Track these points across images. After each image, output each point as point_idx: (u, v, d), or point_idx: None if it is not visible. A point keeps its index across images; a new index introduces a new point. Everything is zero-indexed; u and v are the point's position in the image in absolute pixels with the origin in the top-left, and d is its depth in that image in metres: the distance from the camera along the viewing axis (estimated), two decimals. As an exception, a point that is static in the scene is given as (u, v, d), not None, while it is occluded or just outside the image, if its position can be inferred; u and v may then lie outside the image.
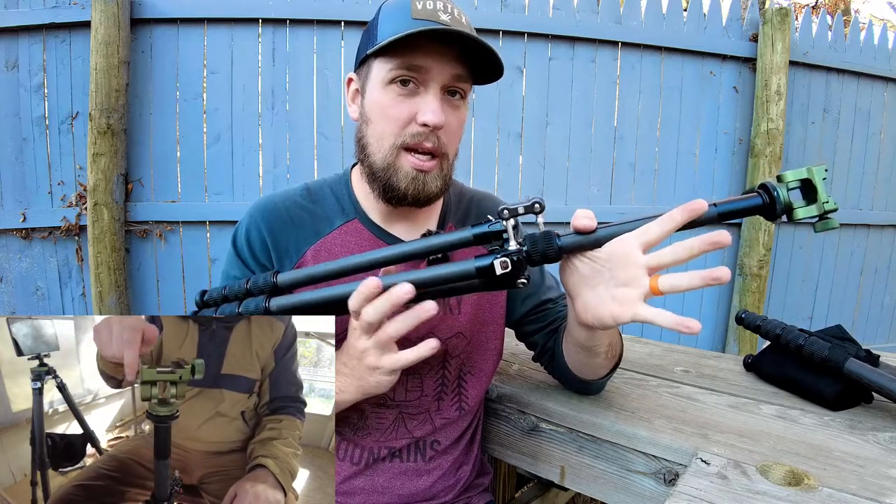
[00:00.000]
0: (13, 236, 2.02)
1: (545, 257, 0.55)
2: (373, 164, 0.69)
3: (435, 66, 0.64)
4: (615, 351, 0.72)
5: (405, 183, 0.67)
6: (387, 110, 0.66)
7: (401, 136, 0.66)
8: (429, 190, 0.68)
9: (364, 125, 0.70)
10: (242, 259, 0.74)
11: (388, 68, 0.65)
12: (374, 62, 0.67)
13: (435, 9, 0.64)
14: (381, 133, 0.67)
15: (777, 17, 2.26)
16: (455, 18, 0.65)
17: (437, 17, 0.63)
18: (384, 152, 0.68)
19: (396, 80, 0.65)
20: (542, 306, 0.83)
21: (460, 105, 0.69)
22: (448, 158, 0.70)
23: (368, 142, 0.69)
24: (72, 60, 1.97)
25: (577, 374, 0.78)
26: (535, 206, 0.54)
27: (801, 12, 3.92)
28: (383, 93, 0.66)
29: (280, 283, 0.63)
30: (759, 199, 0.54)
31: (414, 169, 0.67)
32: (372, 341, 0.57)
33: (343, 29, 2.07)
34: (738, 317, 1.02)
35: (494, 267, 0.54)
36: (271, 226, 0.74)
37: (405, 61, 0.64)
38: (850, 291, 2.71)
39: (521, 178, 2.29)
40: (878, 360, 0.82)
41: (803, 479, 0.59)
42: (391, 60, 0.64)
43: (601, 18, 2.25)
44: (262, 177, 2.12)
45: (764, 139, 2.31)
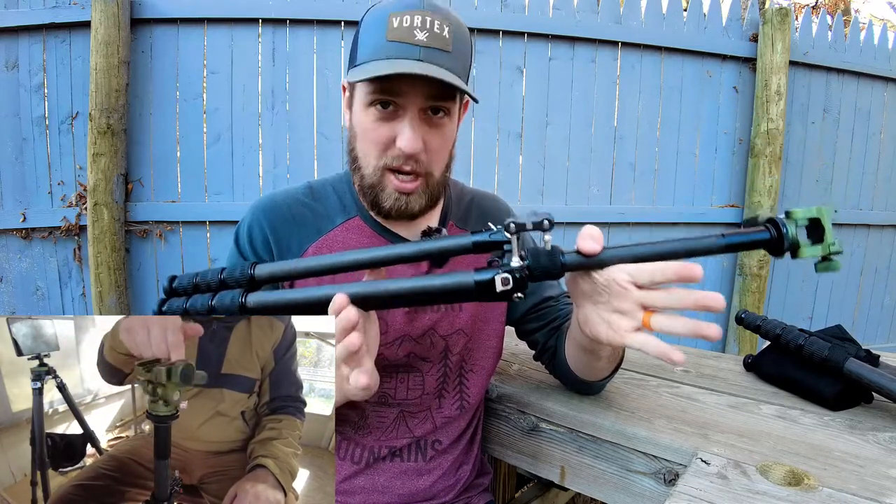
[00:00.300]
0: (13, 236, 2.02)
1: (548, 274, 0.54)
2: (362, 178, 0.70)
3: (410, 91, 0.63)
4: (617, 355, 0.72)
5: (388, 203, 0.68)
6: (368, 133, 0.66)
7: (383, 157, 0.66)
8: (411, 209, 0.69)
9: (353, 138, 0.71)
10: (244, 257, 0.75)
11: (366, 91, 0.65)
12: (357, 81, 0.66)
13: (411, 26, 0.61)
14: (366, 152, 0.68)
15: (777, 17, 2.26)
16: (433, 34, 0.62)
17: (411, 38, 0.61)
18: (370, 170, 0.68)
19: (375, 104, 0.64)
20: (543, 304, 0.83)
21: (444, 122, 0.67)
22: (433, 176, 0.70)
23: (358, 155, 0.70)
24: (72, 60, 1.97)
25: (578, 375, 0.78)
26: (545, 223, 0.52)
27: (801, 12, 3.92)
28: (365, 115, 0.66)
29: (258, 276, 0.59)
30: (767, 234, 0.53)
31: (395, 191, 0.68)
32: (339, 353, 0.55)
33: (343, 29, 2.07)
34: (738, 317, 1.02)
35: (495, 283, 0.52)
36: (273, 223, 0.74)
37: (381, 86, 0.63)
38: (850, 291, 2.71)
39: (521, 178, 2.29)
40: (878, 360, 0.82)
41: (803, 479, 0.59)
42: (368, 84, 0.64)
43: (601, 18, 2.25)
44: (262, 177, 2.12)
45: (764, 139, 2.31)
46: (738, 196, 2.45)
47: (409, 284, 0.55)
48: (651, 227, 2.36)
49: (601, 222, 2.30)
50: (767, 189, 2.33)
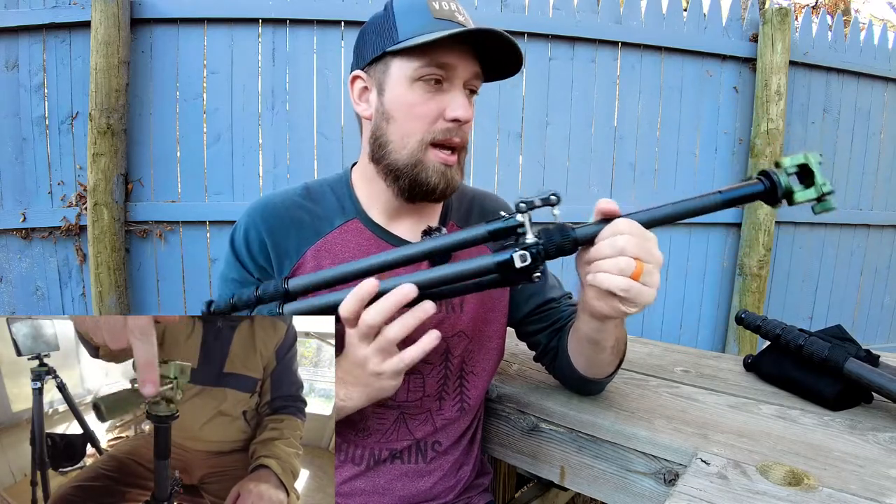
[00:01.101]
0: (13, 236, 2.02)
1: (561, 250, 0.55)
2: (396, 162, 0.70)
3: (460, 65, 0.67)
4: (621, 346, 0.72)
5: (435, 178, 0.69)
6: (414, 108, 0.67)
7: (430, 132, 0.68)
8: (455, 183, 0.71)
9: (384, 123, 0.70)
10: (241, 261, 0.73)
11: (414, 66, 0.66)
12: (393, 60, 0.68)
13: (451, 9, 0.67)
14: (408, 130, 0.68)
15: (777, 17, 2.26)
16: (466, 18, 0.68)
17: (454, 18, 0.66)
18: (411, 149, 0.68)
19: (424, 78, 0.66)
20: (545, 306, 0.83)
21: (473, 102, 0.72)
22: (466, 152, 0.73)
23: (390, 139, 0.70)
24: (72, 60, 1.97)
25: (581, 373, 0.78)
26: (552, 197, 0.55)
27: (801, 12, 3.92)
28: (409, 90, 0.67)
29: (292, 289, 0.61)
30: (762, 186, 0.55)
31: (442, 164, 0.69)
32: (372, 348, 0.57)
33: (343, 29, 2.07)
34: (738, 317, 1.02)
35: (514, 261, 0.54)
36: (270, 226, 0.73)
37: (434, 59, 0.65)
38: (850, 291, 2.71)
39: (521, 178, 2.29)
40: (878, 360, 0.82)
41: (803, 479, 0.59)
42: (418, 59, 0.66)
43: (601, 18, 2.25)
44: (262, 177, 2.11)
45: (764, 139, 2.31)
46: (738, 196, 2.45)
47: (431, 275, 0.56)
48: (651, 227, 2.34)
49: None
50: (767, 189, 2.32)
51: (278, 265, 0.73)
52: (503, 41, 0.65)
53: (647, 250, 0.55)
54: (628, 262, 0.53)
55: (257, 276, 0.73)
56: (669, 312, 2.45)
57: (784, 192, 0.54)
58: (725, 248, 2.46)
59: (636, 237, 0.54)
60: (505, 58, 0.69)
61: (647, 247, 0.55)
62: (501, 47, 0.67)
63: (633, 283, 0.53)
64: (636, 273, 0.53)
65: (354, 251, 0.74)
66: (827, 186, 0.54)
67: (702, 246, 2.44)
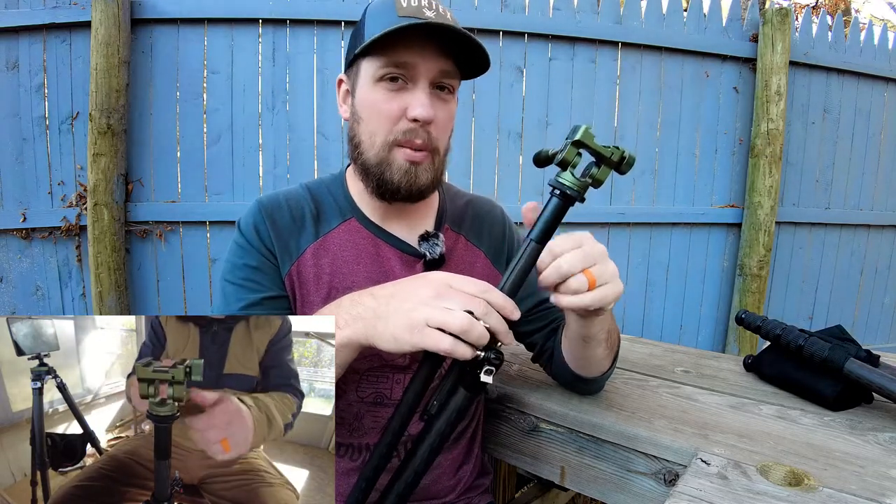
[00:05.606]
0: (13, 236, 2.02)
1: None
2: (366, 161, 0.70)
3: (421, 62, 0.65)
4: (614, 338, 0.72)
5: (399, 176, 0.68)
6: (377, 106, 0.67)
7: (392, 132, 0.67)
8: (420, 182, 0.69)
9: (356, 124, 0.71)
10: (252, 244, 0.73)
11: (376, 66, 0.66)
12: (362, 62, 0.68)
13: (420, 6, 0.65)
14: (373, 130, 0.68)
15: (777, 17, 2.26)
16: (440, 14, 0.65)
17: (421, 14, 0.64)
18: (377, 148, 0.69)
19: (385, 78, 0.66)
20: (540, 306, 0.83)
21: (449, 99, 0.70)
22: (439, 153, 0.71)
23: (361, 139, 0.70)
24: (72, 60, 1.97)
25: (577, 372, 0.78)
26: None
27: (801, 12, 3.92)
28: (373, 90, 0.67)
29: None
30: (559, 201, 0.55)
31: (406, 161, 0.68)
32: (460, 315, 0.54)
33: (343, 29, 2.07)
34: (738, 317, 1.02)
35: (480, 377, 0.55)
36: (276, 222, 0.74)
37: (392, 58, 0.65)
38: (850, 291, 2.71)
39: (521, 178, 2.29)
40: (878, 360, 0.82)
41: (803, 480, 0.59)
42: (379, 59, 0.66)
43: (601, 19, 2.25)
44: (262, 177, 2.12)
45: (764, 139, 2.31)
46: (738, 196, 2.46)
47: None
48: (651, 227, 2.36)
49: (601, 222, 2.30)
50: (768, 189, 2.33)
51: (280, 259, 0.73)
52: (458, 34, 0.63)
53: (588, 256, 0.55)
54: (578, 280, 0.54)
55: (270, 260, 0.73)
56: (670, 313, 2.45)
57: (582, 188, 0.54)
58: (726, 248, 2.46)
59: (572, 251, 0.54)
60: (473, 52, 0.67)
61: (586, 252, 0.55)
62: (462, 40, 0.65)
63: (594, 295, 0.54)
64: (591, 283, 0.54)
65: (353, 250, 0.74)
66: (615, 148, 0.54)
67: (702, 246, 2.44)
